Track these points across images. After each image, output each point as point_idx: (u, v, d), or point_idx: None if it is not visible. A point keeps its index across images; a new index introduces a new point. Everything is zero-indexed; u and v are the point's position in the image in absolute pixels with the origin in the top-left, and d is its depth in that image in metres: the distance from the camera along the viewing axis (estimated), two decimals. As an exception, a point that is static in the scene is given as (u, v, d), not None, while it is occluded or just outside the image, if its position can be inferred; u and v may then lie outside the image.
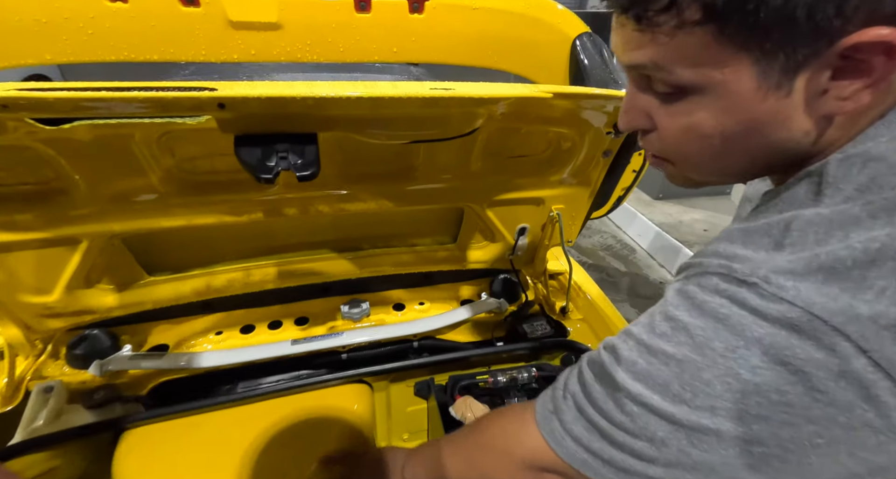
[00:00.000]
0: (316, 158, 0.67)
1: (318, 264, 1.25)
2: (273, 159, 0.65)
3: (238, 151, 0.64)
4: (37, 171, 0.77)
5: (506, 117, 0.89)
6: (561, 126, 1.00)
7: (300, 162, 0.66)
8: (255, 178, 0.65)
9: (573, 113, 0.93)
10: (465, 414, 1.05)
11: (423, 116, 0.75)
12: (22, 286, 0.93)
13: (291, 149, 0.65)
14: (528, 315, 1.38)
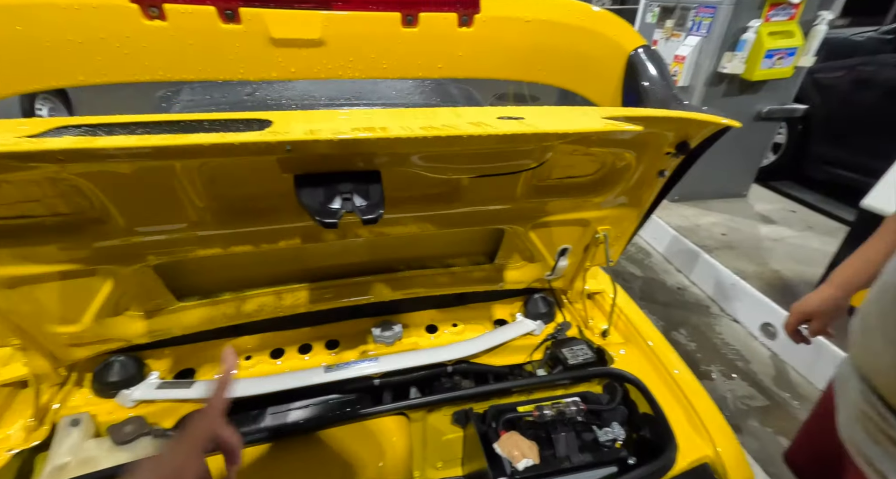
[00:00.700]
0: (381, 198, 0.61)
1: (352, 287, 1.19)
2: (337, 201, 0.58)
3: (299, 192, 0.58)
4: (70, 201, 0.71)
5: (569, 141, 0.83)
6: (623, 148, 0.94)
7: (365, 204, 0.60)
8: (317, 222, 0.59)
9: (641, 136, 0.87)
10: (513, 452, 1.00)
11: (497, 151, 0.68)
12: (49, 317, 0.88)
13: (356, 189, 0.59)
14: (567, 339, 1.33)
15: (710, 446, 1.00)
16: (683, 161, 1.01)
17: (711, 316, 3.11)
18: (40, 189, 0.68)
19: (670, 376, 1.15)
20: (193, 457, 0.50)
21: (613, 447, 1.06)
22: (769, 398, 2.45)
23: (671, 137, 0.92)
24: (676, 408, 1.10)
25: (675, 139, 0.92)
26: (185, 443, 0.51)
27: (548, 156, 0.75)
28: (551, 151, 0.74)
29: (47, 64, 0.69)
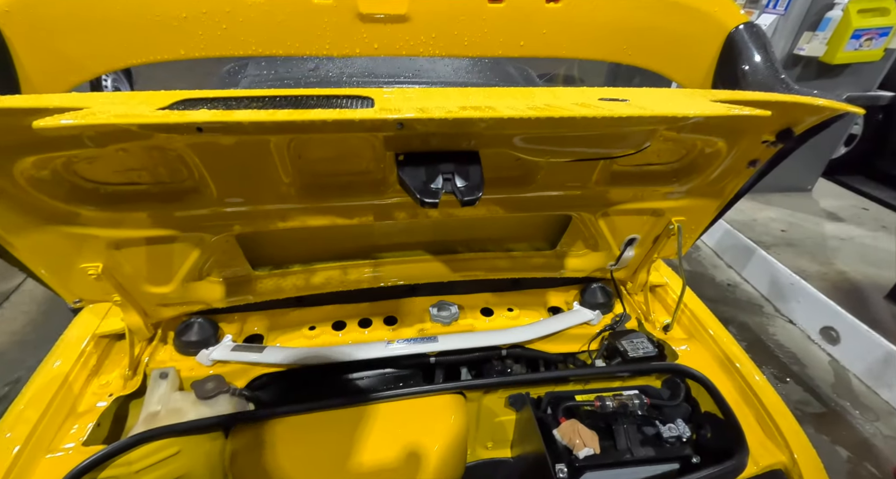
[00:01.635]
0: (481, 180, 0.60)
1: (413, 265, 1.21)
2: (438, 181, 0.58)
3: (402, 170, 0.58)
4: (172, 171, 0.75)
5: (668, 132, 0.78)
6: (716, 134, 0.88)
7: (465, 185, 0.59)
8: (417, 201, 0.59)
9: (742, 122, 0.81)
10: (574, 440, 1.00)
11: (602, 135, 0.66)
12: (145, 277, 0.94)
13: (457, 169, 0.58)
14: (626, 331, 1.29)
15: (786, 452, 0.96)
16: (780, 151, 0.93)
17: (764, 316, 2.97)
18: (149, 159, 0.71)
19: (739, 375, 1.11)
20: None
21: (677, 444, 1.04)
22: (826, 406, 2.33)
23: (773, 123, 0.84)
24: (746, 410, 1.06)
25: (778, 126, 0.85)
26: None
27: (648, 143, 0.71)
28: (654, 137, 0.70)
29: (155, 39, 0.71)
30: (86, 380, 0.99)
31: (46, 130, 0.41)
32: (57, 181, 0.69)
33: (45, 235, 0.76)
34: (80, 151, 0.62)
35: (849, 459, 2.06)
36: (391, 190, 0.91)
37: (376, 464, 0.96)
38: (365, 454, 0.97)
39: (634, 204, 1.09)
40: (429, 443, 1.01)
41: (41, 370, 0.97)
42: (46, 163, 0.64)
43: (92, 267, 0.84)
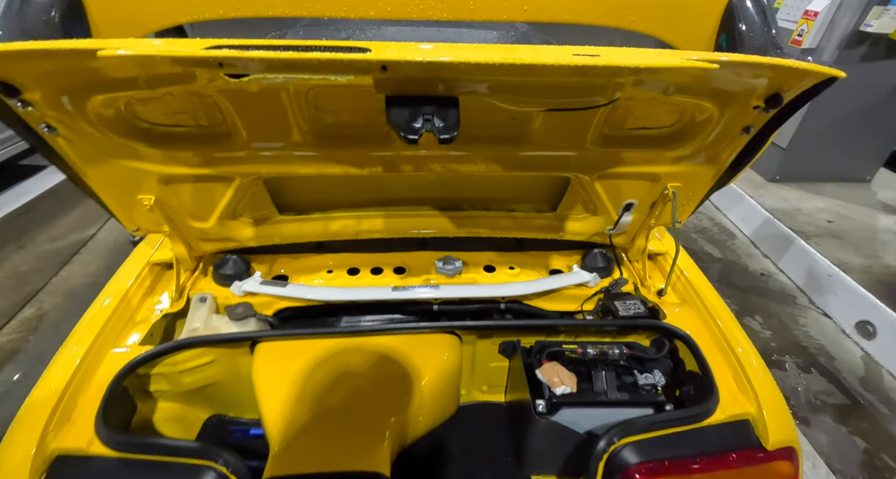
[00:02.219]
0: (457, 121, 0.69)
1: (421, 219, 1.32)
2: (419, 121, 0.68)
3: (389, 111, 0.68)
4: (210, 116, 0.89)
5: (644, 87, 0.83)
6: (703, 98, 0.91)
7: (443, 125, 0.68)
8: (400, 137, 0.69)
9: (724, 84, 0.84)
10: (552, 379, 1.09)
11: (567, 85, 0.73)
12: (189, 213, 1.11)
13: (436, 112, 0.68)
14: (621, 293, 1.35)
15: (755, 405, 1.00)
16: (773, 118, 0.95)
17: (797, 307, 2.86)
18: (191, 104, 0.86)
19: (722, 336, 1.14)
20: None
21: (652, 391, 1.11)
22: (850, 398, 2.26)
23: (761, 88, 0.86)
24: (725, 368, 1.10)
25: (767, 91, 0.87)
26: None
27: (618, 94, 0.77)
28: (622, 89, 0.76)
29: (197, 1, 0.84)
30: (142, 298, 1.19)
31: (107, 59, 0.55)
32: (119, 120, 0.85)
33: (111, 168, 0.94)
34: (137, 92, 0.77)
35: (865, 450, 2.01)
36: (396, 143, 1.01)
37: (374, 386, 1.10)
38: (365, 377, 1.11)
39: (630, 168, 1.14)
40: (424, 374, 1.14)
41: (108, 288, 1.18)
42: (112, 102, 0.80)
43: (146, 199, 1.02)
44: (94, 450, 0.86)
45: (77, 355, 0.98)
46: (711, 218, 3.82)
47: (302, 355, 1.12)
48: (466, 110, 0.92)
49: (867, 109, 3.51)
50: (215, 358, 1.14)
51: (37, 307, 2.48)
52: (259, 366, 1.10)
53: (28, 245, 2.92)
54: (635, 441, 0.95)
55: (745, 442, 0.97)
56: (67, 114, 0.80)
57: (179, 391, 1.15)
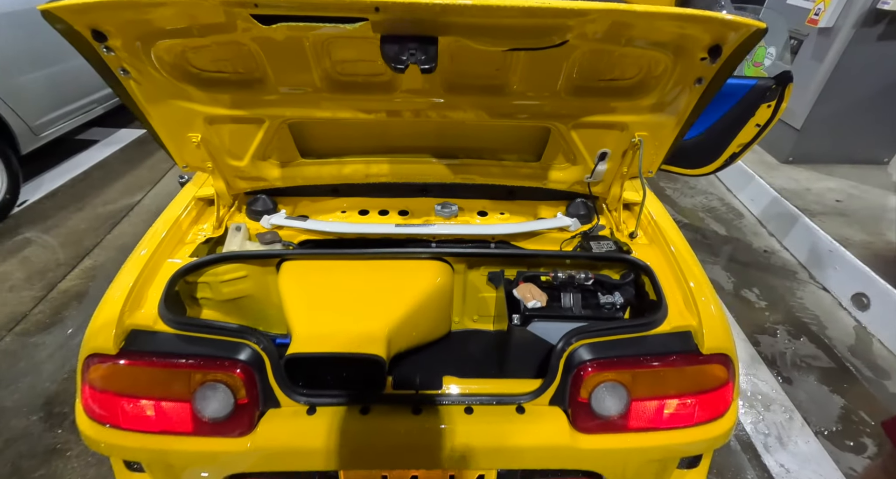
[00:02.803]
0: (435, 55, 0.89)
1: (421, 165, 1.52)
2: (405, 55, 0.88)
3: (382, 47, 0.88)
4: (245, 63, 1.11)
5: (599, 37, 1.00)
6: (654, 50, 1.07)
7: (424, 57, 0.88)
8: (391, 67, 0.89)
9: (667, 36, 1.00)
10: (526, 295, 1.28)
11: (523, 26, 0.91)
12: (227, 152, 1.35)
13: (419, 48, 0.88)
14: (597, 236, 1.52)
15: (697, 320, 1.16)
16: (720, 70, 1.09)
17: (796, 281, 2.93)
18: (231, 52, 1.08)
19: (679, 268, 1.30)
20: None
21: (612, 309, 1.28)
22: (836, 363, 2.35)
23: (703, 39, 1.01)
24: (677, 293, 1.26)
25: (708, 42, 1.02)
26: None
27: (568, 36, 0.94)
28: (570, 31, 0.93)
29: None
30: (189, 224, 1.44)
31: (169, 4, 0.77)
32: (176, 65, 1.08)
33: (168, 108, 1.18)
34: (190, 39, 1.00)
35: (843, 406, 2.12)
36: (398, 91, 1.21)
37: (376, 298, 1.31)
38: (369, 291, 1.32)
39: (601, 117, 1.30)
40: (419, 293, 1.34)
41: (162, 216, 1.43)
42: (171, 49, 1.03)
43: (195, 136, 1.26)
44: (158, 327, 1.11)
45: (143, 261, 1.23)
46: (721, 198, 3.88)
47: (319, 271, 1.35)
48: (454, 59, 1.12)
49: (885, 89, 3.48)
50: (248, 273, 1.38)
51: (94, 259, 2.83)
52: (284, 278, 1.33)
53: (86, 208, 3.29)
54: (590, 343, 1.13)
55: (684, 348, 1.13)
56: (138, 58, 1.03)
57: (219, 300, 1.40)
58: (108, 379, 1.07)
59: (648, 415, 1.10)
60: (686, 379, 1.11)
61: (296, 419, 1.10)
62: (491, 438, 1.09)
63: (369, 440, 1.09)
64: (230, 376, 1.07)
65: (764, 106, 2.15)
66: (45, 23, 0.88)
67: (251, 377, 1.08)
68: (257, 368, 1.09)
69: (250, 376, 1.08)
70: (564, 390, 1.12)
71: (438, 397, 1.14)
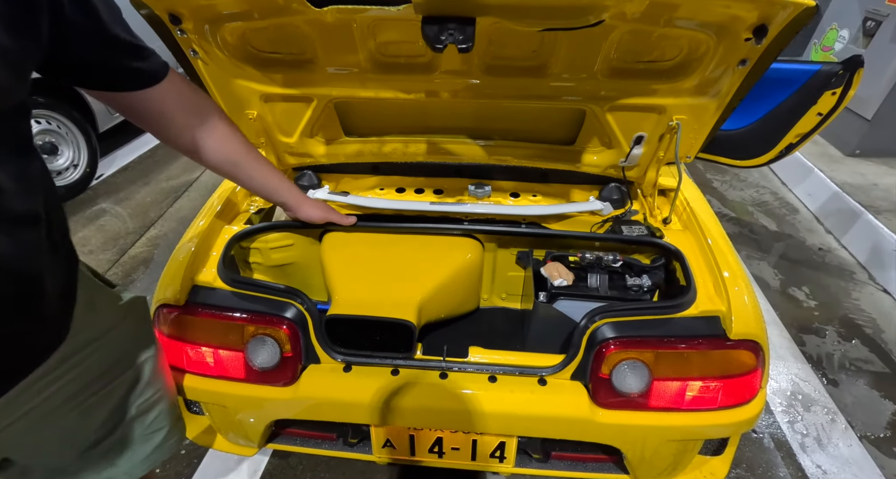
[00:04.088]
0: (472, 35, 0.93)
1: (457, 145, 1.57)
2: (444, 35, 0.93)
3: (423, 27, 0.94)
4: (297, 44, 1.20)
5: (637, 17, 1.00)
6: (696, 30, 1.05)
7: (461, 37, 0.93)
8: (430, 47, 0.95)
9: (710, 15, 0.99)
10: (552, 273, 1.32)
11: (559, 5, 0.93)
12: (279, 128, 1.46)
13: (457, 28, 0.92)
14: (629, 220, 1.52)
15: (726, 305, 1.15)
16: (766, 51, 1.06)
17: (853, 282, 2.75)
18: (285, 34, 1.17)
19: (711, 254, 1.28)
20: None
21: (639, 292, 1.29)
22: (892, 368, 2.21)
23: (748, 19, 0.99)
24: (708, 278, 1.25)
25: (753, 22, 0.99)
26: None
27: (604, 15, 0.95)
28: (607, 11, 0.94)
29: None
30: (244, 196, 1.58)
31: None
32: (238, 46, 1.19)
33: (229, 86, 1.29)
34: (250, 22, 1.09)
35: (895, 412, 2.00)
36: (437, 72, 1.27)
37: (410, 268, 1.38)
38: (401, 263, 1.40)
39: (638, 99, 1.29)
40: (450, 266, 1.41)
41: (220, 189, 1.57)
42: (234, 31, 1.14)
43: (251, 113, 1.37)
44: (217, 284, 1.24)
45: (205, 226, 1.37)
46: (774, 192, 3.66)
47: (358, 241, 1.45)
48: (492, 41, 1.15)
49: (977, 76, 3.13)
50: (295, 242, 1.50)
51: (157, 229, 3.11)
52: (326, 248, 1.44)
53: (151, 182, 3.60)
54: (614, 321, 1.16)
55: (711, 333, 1.13)
56: (206, 40, 1.15)
57: (268, 265, 1.53)
58: (174, 327, 1.22)
59: (670, 395, 1.12)
60: (711, 363, 1.12)
61: (333, 374, 1.21)
62: (513, 406, 1.15)
63: (398, 399, 1.18)
64: (277, 332, 1.19)
65: (828, 93, 2.01)
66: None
67: (295, 334, 1.19)
68: (301, 325, 1.20)
69: (295, 332, 1.19)
70: (586, 365, 1.15)
71: (464, 365, 1.20)
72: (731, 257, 1.28)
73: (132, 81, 0.81)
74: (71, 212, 3.22)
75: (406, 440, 1.29)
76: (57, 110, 3.19)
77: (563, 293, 1.30)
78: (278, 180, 1.21)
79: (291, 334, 1.19)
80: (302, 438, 1.41)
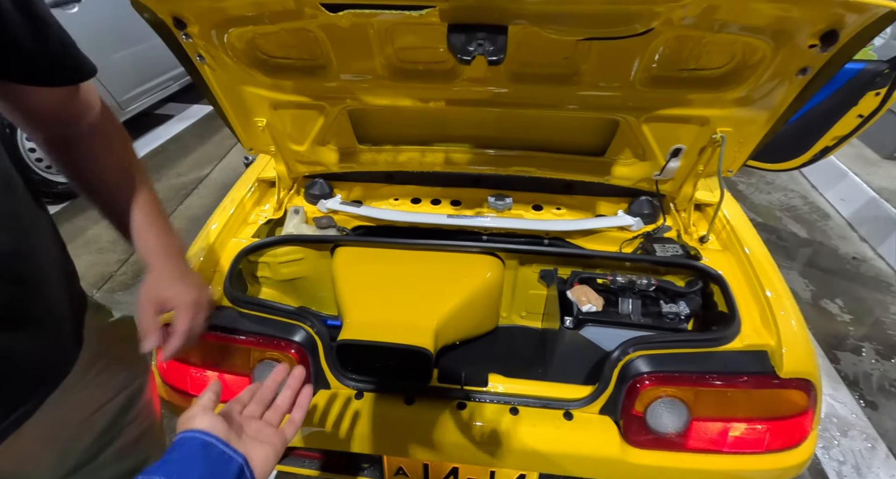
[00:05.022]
0: (504, 46, 0.83)
1: (476, 155, 1.47)
2: (473, 45, 0.83)
3: (449, 37, 0.84)
4: (310, 49, 1.11)
5: (689, 23, 0.89)
6: (752, 36, 0.94)
7: (492, 48, 0.83)
8: (457, 59, 0.85)
9: (770, 19, 0.87)
10: (581, 298, 1.22)
11: (604, 12, 0.82)
12: (289, 136, 1.38)
13: (487, 37, 0.82)
14: (661, 238, 1.41)
15: (776, 339, 1.05)
16: (832, 59, 0.94)
17: (890, 294, 2.61)
18: (297, 39, 1.08)
19: (756, 279, 1.18)
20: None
21: (675, 319, 1.19)
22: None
23: (815, 23, 0.87)
24: (754, 307, 1.15)
25: (821, 27, 0.87)
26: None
27: (654, 23, 0.84)
28: (658, 18, 0.83)
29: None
30: (252, 205, 1.50)
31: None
32: (246, 51, 1.10)
33: (237, 92, 1.21)
34: (260, 26, 1.00)
35: (936, 440, 1.88)
36: (459, 80, 1.17)
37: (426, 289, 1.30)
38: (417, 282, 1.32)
39: (678, 110, 1.18)
40: (469, 286, 1.32)
41: (229, 196, 1.50)
42: (243, 36, 1.05)
43: (260, 121, 1.29)
44: (224, 303, 1.17)
45: (210, 238, 1.30)
46: (804, 196, 3.49)
47: (371, 258, 1.36)
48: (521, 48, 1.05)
49: None
50: (305, 256, 1.42)
51: (168, 229, 3.07)
52: (338, 263, 1.36)
53: (162, 179, 3.57)
54: (649, 354, 1.06)
55: (758, 369, 1.03)
56: (213, 45, 1.06)
57: (277, 280, 1.46)
58: (177, 348, 1.15)
59: (711, 436, 1.02)
60: (758, 403, 1.02)
61: (344, 401, 1.14)
62: (536, 441, 1.07)
63: (413, 429, 1.10)
64: (285, 356, 1.12)
65: (871, 94, 1.86)
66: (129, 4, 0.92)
67: (304, 358, 1.12)
68: (310, 349, 1.13)
69: (303, 356, 1.12)
70: (617, 400, 1.07)
71: (483, 395, 1.13)
72: (779, 282, 1.18)
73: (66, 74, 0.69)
74: (82, 208, 3.19)
75: (420, 470, 1.22)
76: (67, 106, 3.15)
77: (591, 320, 1.20)
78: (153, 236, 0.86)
79: (300, 358, 1.12)
80: (310, 459, 1.35)
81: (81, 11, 3.20)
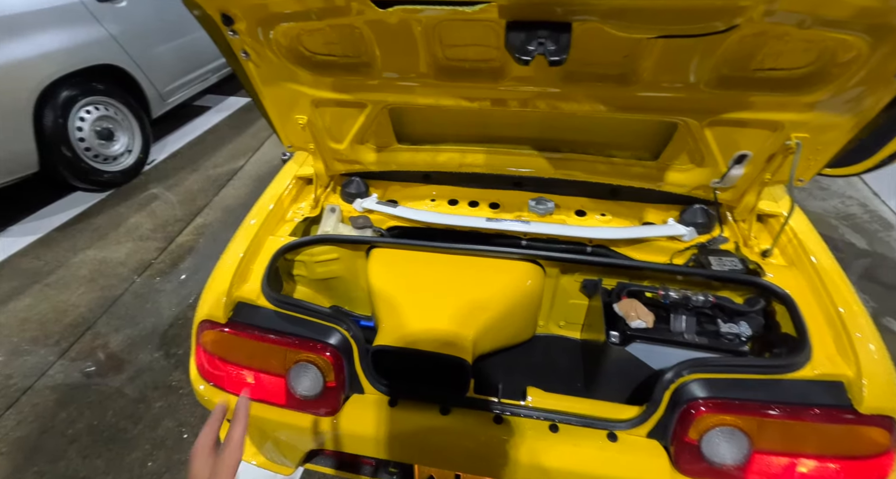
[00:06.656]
0: (568, 45, 0.76)
1: (519, 157, 1.41)
2: (533, 44, 0.77)
3: (507, 35, 0.78)
4: (354, 46, 1.07)
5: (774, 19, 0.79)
6: (850, 31, 0.83)
7: (554, 48, 0.76)
8: (514, 58, 0.79)
9: (872, 13, 0.77)
10: (629, 312, 1.15)
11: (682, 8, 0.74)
12: (329, 134, 1.35)
13: (549, 36, 0.76)
14: (717, 250, 1.31)
15: (854, 368, 0.95)
16: None
17: (960, 314, 2.39)
18: (342, 36, 1.04)
19: (829, 299, 1.07)
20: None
21: (735, 341, 1.10)
22: None
23: None
24: (826, 331, 1.05)
25: None
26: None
27: (738, 20, 0.76)
28: (743, 14, 0.74)
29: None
30: (290, 202, 1.49)
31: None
32: (290, 48, 1.07)
33: (280, 89, 1.19)
34: (307, 23, 0.97)
35: None
36: (507, 79, 1.10)
37: (463, 295, 1.26)
38: (454, 288, 1.28)
39: (748, 114, 1.08)
40: (507, 294, 1.27)
41: (266, 192, 1.49)
42: (288, 32, 1.02)
43: (301, 118, 1.26)
44: (261, 302, 1.16)
45: (248, 237, 1.29)
46: (864, 204, 3.25)
47: (407, 261, 1.33)
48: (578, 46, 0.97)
49: None
50: (340, 256, 1.40)
51: (204, 218, 3.13)
52: (373, 265, 1.33)
53: (199, 169, 3.65)
54: (706, 378, 0.98)
55: (833, 402, 0.94)
56: (258, 42, 1.04)
57: (312, 278, 1.44)
58: (216, 344, 1.15)
59: (775, 471, 0.94)
60: (831, 439, 0.93)
61: (378, 407, 1.11)
62: (577, 462, 1.02)
63: (448, 440, 1.07)
64: (320, 359, 1.10)
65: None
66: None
67: (339, 362, 1.10)
68: (345, 353, 1.10)
69: (339, 360, 1.10)
70: (668, 425, 1.00)
71: (522, 409, 1.08)
72: (856, 305, 1.07)
73: None
74: (125, 196, 3.30)
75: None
76: (114, 97, 3.25)
77: (640, 336, 1.13)
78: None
79: (335, 362, 1.10)
80: (338, 460, 1.34)
81: (129, 5, 3.29)
